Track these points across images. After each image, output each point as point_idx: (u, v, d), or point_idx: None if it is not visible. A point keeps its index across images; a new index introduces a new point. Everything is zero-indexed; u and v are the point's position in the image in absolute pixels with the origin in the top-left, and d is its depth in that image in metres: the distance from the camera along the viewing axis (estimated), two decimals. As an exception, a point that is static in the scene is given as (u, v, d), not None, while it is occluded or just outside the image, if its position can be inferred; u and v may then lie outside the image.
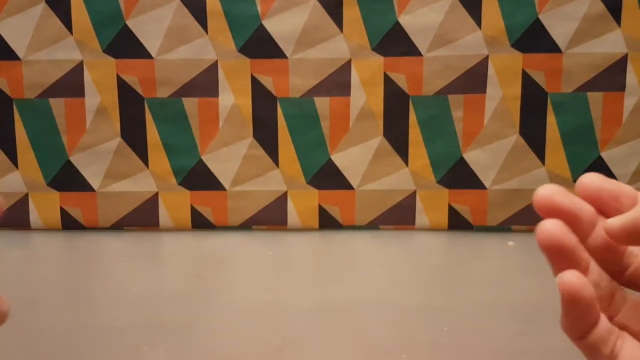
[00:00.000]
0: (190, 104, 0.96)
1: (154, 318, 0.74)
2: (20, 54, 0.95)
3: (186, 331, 0.71)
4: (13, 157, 0.98)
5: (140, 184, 0.99)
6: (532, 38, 0.93)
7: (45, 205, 0.99)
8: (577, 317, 0.27)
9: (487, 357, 0.66)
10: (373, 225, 0.99)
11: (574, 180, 0.97)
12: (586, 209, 0.28)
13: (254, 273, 0.88)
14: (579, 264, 0.27)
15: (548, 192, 0.27)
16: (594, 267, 0.28)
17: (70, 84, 0.96)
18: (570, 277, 0.26)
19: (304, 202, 0.99)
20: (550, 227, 0.26)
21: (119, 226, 1.00)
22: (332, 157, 0.98)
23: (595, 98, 0.94)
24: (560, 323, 0.28)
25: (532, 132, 0.96)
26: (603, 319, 0.27)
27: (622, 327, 0.28)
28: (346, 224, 1.00)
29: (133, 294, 0.80)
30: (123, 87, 0.96)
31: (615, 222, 0.27)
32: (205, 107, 0.96)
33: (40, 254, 0.96)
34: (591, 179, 0.28)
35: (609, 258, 0.28)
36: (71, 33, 0.95)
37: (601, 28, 0.92)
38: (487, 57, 0.94)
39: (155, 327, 0.72)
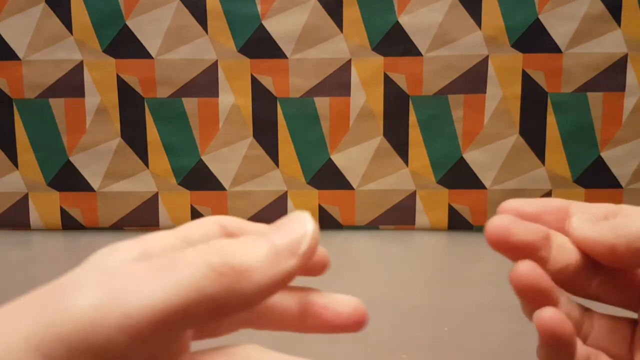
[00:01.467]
0: (190, 104, 0.96)
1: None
2: (20, 54, 0.95)
3: (186, 331, 0.71)
4: (13, 157, 0.98)
5: (140, 184, 0.99)
6: (532, 38, 0.93)
7: (45, 205, 0.99)
8: (558, 353, 0.26)
9: (487, 357, 0.66)
10: (373, 225, 0.99)
11: (574, 180, 0.97)
12: (541, 235, 0.27)
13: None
14: (553, 300, 0.26)
15: (502, 225, 0.27)
16: (562, 297, 0.27)
17: (70, 84, 0.96)
18: (549, 315, 0.25)
19: (304, 202, 0.99)
20: (525, 270, 0.25)
21: (119, 226, 1.00)
22: (332, 157, 0.98)
23: (595, 98, 0.94)
24: (538, 355, 0.27)
25: (532, 132, 0.96)
26: (580, 346, 0.27)
27: (596, 347, 0.28)
28: (346, 224, 1.00)
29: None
30: (123, 87, 0.96)
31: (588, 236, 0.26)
32: (205, 107, 0.96)
33: (40, 254, 0.96)
34: (511, 204, 0.28)
35: (571, 276, 0.27)
36: (71, 33, 0.95)
37: (601, 28, 0.92)
38: (487, 57, 0.94)
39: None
